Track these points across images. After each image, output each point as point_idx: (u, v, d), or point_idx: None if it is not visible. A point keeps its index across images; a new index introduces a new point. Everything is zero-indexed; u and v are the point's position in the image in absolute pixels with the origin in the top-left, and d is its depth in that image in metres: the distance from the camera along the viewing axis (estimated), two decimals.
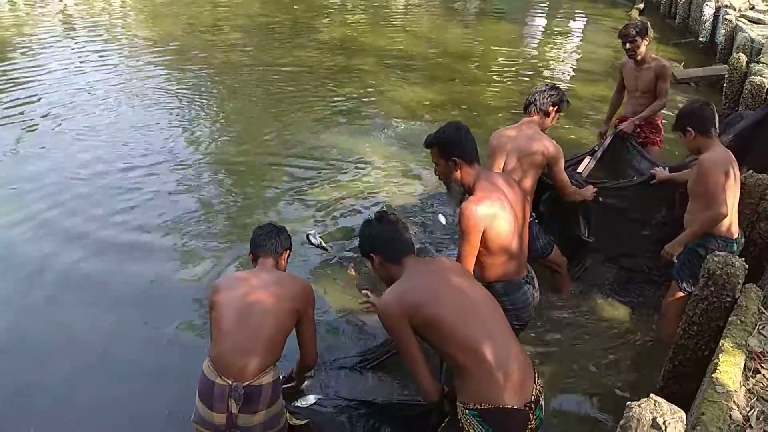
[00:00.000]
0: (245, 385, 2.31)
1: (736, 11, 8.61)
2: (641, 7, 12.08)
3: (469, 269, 2.61)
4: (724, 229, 3.22)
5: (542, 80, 8.42)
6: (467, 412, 2.08)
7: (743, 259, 2.62)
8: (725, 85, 6.56)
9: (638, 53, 4.43)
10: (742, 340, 2.28)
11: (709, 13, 9.03)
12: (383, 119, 6.73)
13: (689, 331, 2.70)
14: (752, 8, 8.93)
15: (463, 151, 2.59)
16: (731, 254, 2.85)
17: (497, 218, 2.56)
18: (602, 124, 5.03)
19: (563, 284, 3.80)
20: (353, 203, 4.92)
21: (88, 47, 9.16)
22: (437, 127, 2.74)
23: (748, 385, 2.14)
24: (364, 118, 6.77)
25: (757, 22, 8.25)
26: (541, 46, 10.46)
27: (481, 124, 6.38)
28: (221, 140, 6.15)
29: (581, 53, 9.93)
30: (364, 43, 9.79)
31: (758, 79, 5.39)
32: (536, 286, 2.87)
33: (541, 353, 3.37)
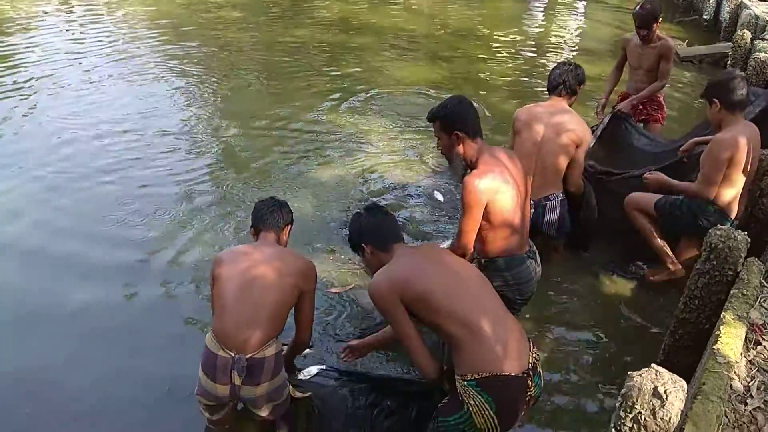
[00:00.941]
0: (248, 357, 2.32)
1: None
2: None
3: (470, 244, 2.61)
4: (725, 204, 3.26)
5: (545, 59, 8.36)
6: (465, 383, 2.10)
7: (746, 232, 2.61)
8: (729, 62, 6.50)
9: (651, 39, 4.40)
10: (743, 312, 2.28)
11: None
12: (384, 97, 6.67)
13: (690, 305, 2.70)
14: None
15: (465, 124, 2.57)
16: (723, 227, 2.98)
17: (500, 192, 2.55)
18: (602, 100, 4.99)
19: (555, 256, 3.83)
20: (353, 180, 4.90)
21: (84, 23, 9.07)
22: (439, 103, 2.72)
23: (749, 356, 2.15)
24: (365, 96, 6.70)
25: None
26: (543, 23, 10.34)
27: (483, 101, 6.33)
28: (219, 117, 6.09)
29: (584, 31, 9.82)
30: (364, 21, 9.67)
31: (763, 55, 5.33)
32: (538, 261, 2.87)
33: (541, 326, 3.39)
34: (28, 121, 5.80)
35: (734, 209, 3.34)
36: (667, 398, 1.69)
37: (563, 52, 8.73)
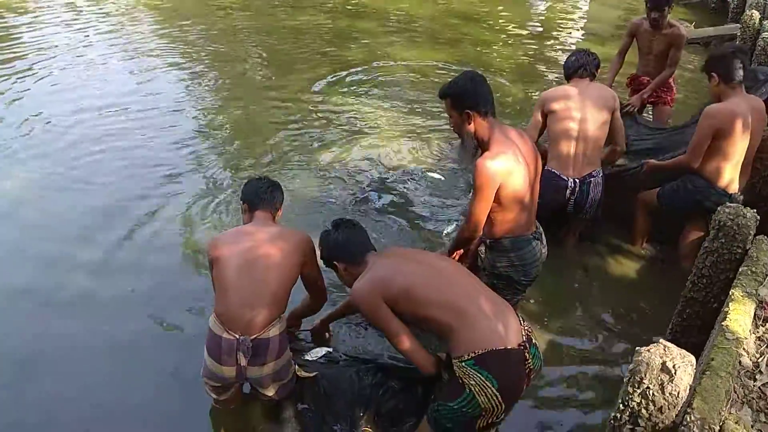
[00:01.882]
0: (253, 338, 2.32)
1: None
2: None
3: (480, 226, 2.57)
4: (716, 176, 3.30)
5: (551, 41, 8.29)
6: (463, 364, 2.09)
7: (755, 210, 2.58)
8: (737, 43, 6.39)
9: (662, 25, 4.35)
10: (752, 289, 2.25)
11: None
12: (388, 81, 6.63)
13: (698, 283, 2.68)
14: None
15: (476, 102, 2.50)
16: (720, 203, 3.04)
17: (512, 174, 2.49)
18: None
19: (569, 238, 3.84)
20: (356, 164, 4.86)
21: (82, 8, 9.06)
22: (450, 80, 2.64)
23: (758, 333, 2.13)
24: (368, 79, 6.66)
25: None
26: (548, 6, 10.23)
27: (489, 84, 6.26)
28: (220, 101, 6.08)
29: (589, 13, 9.72)
30: (367, 5, 9.60)
31: None
32: (544, 242, 2.84)
33: (548, 305, 3.38)
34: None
35: (727, 181, 3.31)
36: (675, 373, 1.67)
37: (568, 34, 8.64)
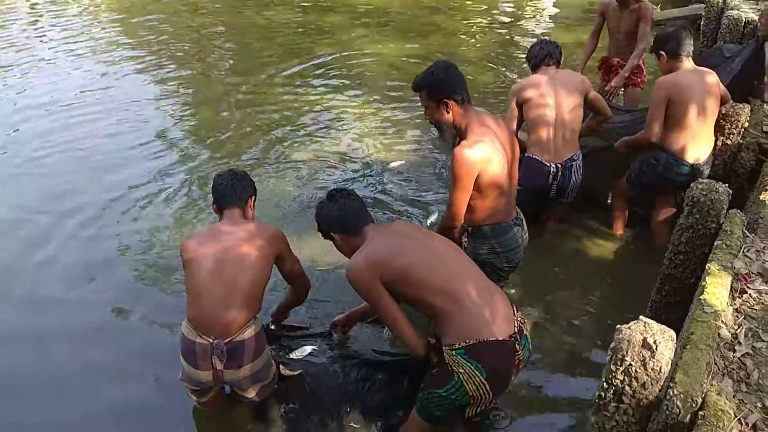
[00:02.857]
0: (227, 341, 2.27)
1: None
2: None
3: (460, 215, 2.55)
4: (676, 147, 3.34)
5: (520, 29, 8.31)
6: (453, 353, 2.08)
7: (726, 184, 2.61)
8: (702, 23, 6.47)
9: (629, 2, 4.38)
10: (728, 262, 2.28)
11: None
12: (359, 76, 6.59)
13: (675, 260, 2.70)
14: None
15: (453, 91, 2.47)
16: (682, 174, 3.28)
17: (491, 162, 2.48)
18: (578, 68, 4.96)
19: (550, 223, 3.88)
20: (331, 162, 4.82)
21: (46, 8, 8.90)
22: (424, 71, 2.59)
23: (734, 305, 2.15)
24: (339, 75, 6.61)
25: None
26: None
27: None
28: (190, 100, 5.99)
29: (557, 1, 9.77)
30: None
31: (735, 12, 5.32)
32: (525, 227, 2.84)
33: (530, 289, 3.40)
34: None
35: (687, 151, 3.34)
36: (656, 348, 1.69)
37: (537, 21, 8.68)
